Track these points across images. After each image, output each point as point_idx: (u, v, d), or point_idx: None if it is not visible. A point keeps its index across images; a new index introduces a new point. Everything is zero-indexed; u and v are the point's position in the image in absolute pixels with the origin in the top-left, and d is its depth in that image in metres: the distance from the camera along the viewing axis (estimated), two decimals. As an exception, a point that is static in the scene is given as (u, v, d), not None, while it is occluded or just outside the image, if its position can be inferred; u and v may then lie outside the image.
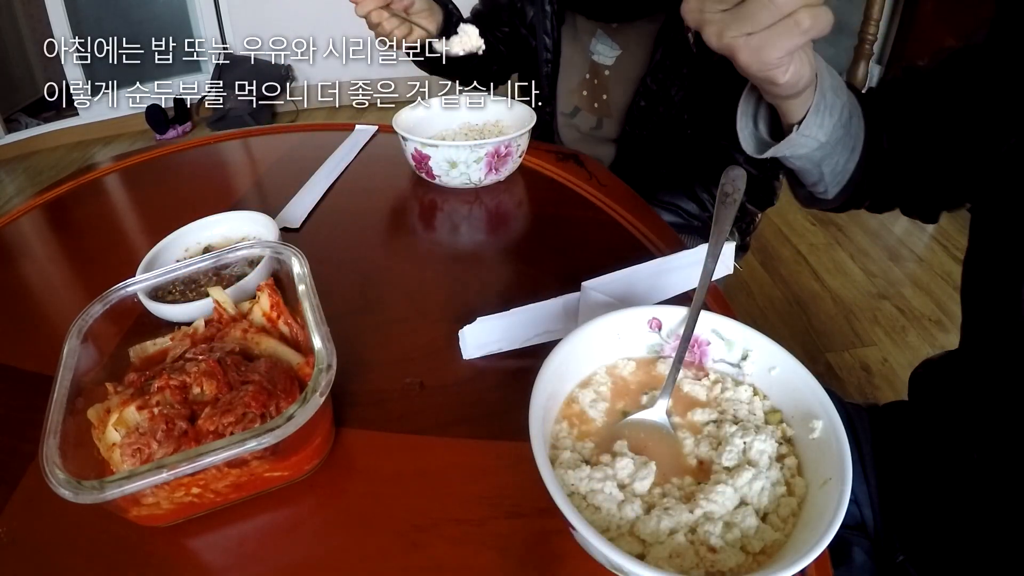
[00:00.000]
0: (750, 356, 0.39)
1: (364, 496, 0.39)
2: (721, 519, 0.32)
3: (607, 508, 0.32)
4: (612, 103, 0.89)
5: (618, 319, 0.39)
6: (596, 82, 0.90)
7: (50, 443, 0.33)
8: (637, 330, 0.40)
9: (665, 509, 0.32)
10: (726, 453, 0.34)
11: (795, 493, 0.33)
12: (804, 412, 0.36)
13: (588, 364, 0.39)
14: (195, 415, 0.37)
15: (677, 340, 0.39)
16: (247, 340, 0.43)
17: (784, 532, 0.32)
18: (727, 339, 0.39)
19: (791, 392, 0.37)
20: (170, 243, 0.57)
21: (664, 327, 0.40)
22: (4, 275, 0.63)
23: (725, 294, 0.55)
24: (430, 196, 0.72)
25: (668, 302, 0.52)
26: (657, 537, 0.31)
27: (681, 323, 0.39)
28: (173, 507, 0.35)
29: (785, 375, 0.37)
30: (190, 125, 2.77)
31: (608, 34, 0.86)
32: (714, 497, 0.32)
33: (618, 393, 0.39)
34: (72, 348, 0.40)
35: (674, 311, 0.39)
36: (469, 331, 0.48)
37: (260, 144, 0.91)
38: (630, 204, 0.68)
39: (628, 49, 0.85)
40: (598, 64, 0.88)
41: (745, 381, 0.39)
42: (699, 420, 0.37)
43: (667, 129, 0.84)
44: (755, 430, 0.35)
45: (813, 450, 0.34)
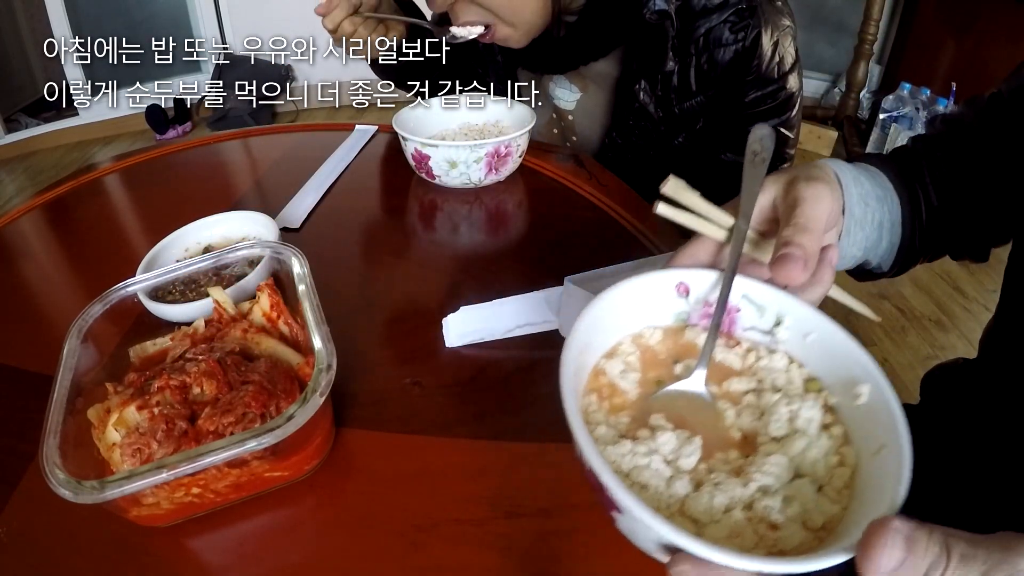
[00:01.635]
0: (784, 322, 0.36)
1: (364, 496, 0.39)
2: (779, 492, 0.29)
3: (655, 486, 0.29)
4: (583, 146, 0.88)
5: (642, 284, 0.36)
6: (563, 124, 0.88)
7: (50, 443, 0.33)
8: (663, 296, 0.37)
9: (716, 484, 0.29)
10: (773, 423, 0.32)
11: (847, 463, 0.31)
12: (846, 378, 0.33)
13: (613, 334, 0.36)
14: (195, 415, 0.37)
15: (706, 307, 0.37)
16: (247, 340, 0.43)
17: (841, 505, 0.29)
18: (759, 304, 0.37)
19: (830, 358, 0.35)
20: (170, 243, 0.57)
21: (692, 293, 0.37)
22: (4, 275, 0.63)
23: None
24: (430, 196, 0.72)
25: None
26: (712, 516, 0.28)
27: (711, 288, 0.36)
28: (173, 507, 0.35)
29: (823, 340, 0.35)
30: (190, 125, 2.77)
31: (566, 76, 0.84)
32: (768, 469, 0.29)
33: (648, 363, 0.36)
34: (72, 348, 0.40)
35: (703, 275, 0.37)
36: (452, 320, 0.48)
37: (260, 144, 0.91)
38: (630, 204, 0.68)
39: (587, 91, 0.84)
40: (560, 109, 0.87)
41: (779, 349, 0.37)
42: (737, 390, 0.35)
43: (645, 166, 0.82)
44: (799, 398, 0.33)
45: (860, 417, 0.32)
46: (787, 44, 0.72)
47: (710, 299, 0.36)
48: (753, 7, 0.70)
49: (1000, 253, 0.54)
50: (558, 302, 0.49)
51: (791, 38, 0.73)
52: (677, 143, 0.79)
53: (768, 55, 0.71)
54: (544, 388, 0.46)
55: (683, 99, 0.75)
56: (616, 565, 0.35)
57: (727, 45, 0.71)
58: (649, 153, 0.81)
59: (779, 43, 0.71)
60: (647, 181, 0.82)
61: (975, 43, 2.10)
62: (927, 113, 2.09)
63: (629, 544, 0.35)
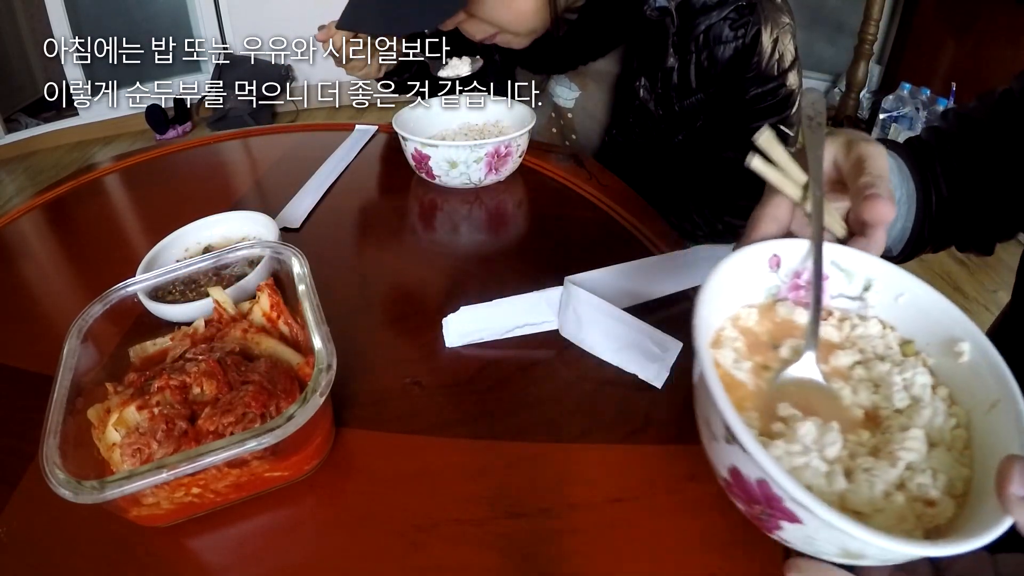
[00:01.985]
0: (873, 286, 0.35)
1: (364, 496, 0.39)
2: (926, 467, 0.28)
3: (818, 485, 0.28)
4: (582, 144, 0.88)
5: (741, 261, 0.35)
6: (562, 122, 0.88)
7: (50, 443, 0.33)
8: (756, 272, 0.36)
9: (866, 470, 0.28)
10: (895, 395, 0.31)
11: (961, 424, 0.31)
12: (943, 338, 0.33)
13: (715, 319, 0.35)
14: (195, 415, 0.37)
15: (794, 278, 0.36)
16: (247, 340, 0.43)
17: (968, 467, 0.29)
18: (846, 270, 0.36)
19: (923, 318, 0.34)
20: (170, 243, 0.57)
21: (783, 266, 0.36)
22: (4, 275, 0.63)
23: (725, 294, 0.55)
24: (430, 196, 0.72)
25: (661, 302, 0.52)
26: (874, 504, 0.27)
27: (800, 259, 0.35)
28: (173, 507, 0.35)
29: (915, 301, 0.34)
30: (190, 125, 2.77)
31: (565, 75, 0.84)
32: (910, 444, 0.28)
33: (753, 348, 0.34)
34: (72, 348, 0.40)
35: (792, 245, 0.36)
36: (452, 320, 0.48)
37: (260, 144, 0.91)
38: (630, 204, 0.68)
39: (587, 90, 0.84)
40: (560, 107, 0.87)
41: (870, 314, 0.36)
42: (844, 364, 0.34)
43: (646, 165, 0.83)
44: (907, 365, 0.33)
45: (963, 376, 0.32)
46: (787, 41, 0.72)
47: (799, 270, 0.36)
48: (753, 4, 0.70)
49: (1000, 253, 0.54)
50: (558, 302, 0.49)
51: (790, 35, 0.73)
52: (677, 141, 0.79)
53: (768, 52, 0.71)
54: (544, 388, 0.46)
55: (683, 97, 0.75)
56: (616, 565, 0.35)
57: (727, 42, 0.71)
58: (649, 151, 0.81)
59: (779, 40, 0.72)
60: (647, 180, 0.82)
61: (975, 43, 2.10)
62: (927, 113, 2.09)
63: (629, 544, 0.36)
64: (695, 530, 0.36)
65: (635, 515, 0.37)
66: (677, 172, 0.84)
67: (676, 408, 0.43)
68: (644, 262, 0.53)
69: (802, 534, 0.26)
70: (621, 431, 0.42)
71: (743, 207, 0.82)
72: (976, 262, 1.67)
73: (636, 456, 0.40)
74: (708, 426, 0.29)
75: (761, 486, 0.26)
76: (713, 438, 0.28)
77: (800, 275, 0.36)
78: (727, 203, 0.82)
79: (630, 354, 0.46)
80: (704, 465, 0.39)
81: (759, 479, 0.25)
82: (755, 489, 0.26)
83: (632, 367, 0.46)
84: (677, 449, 0.41)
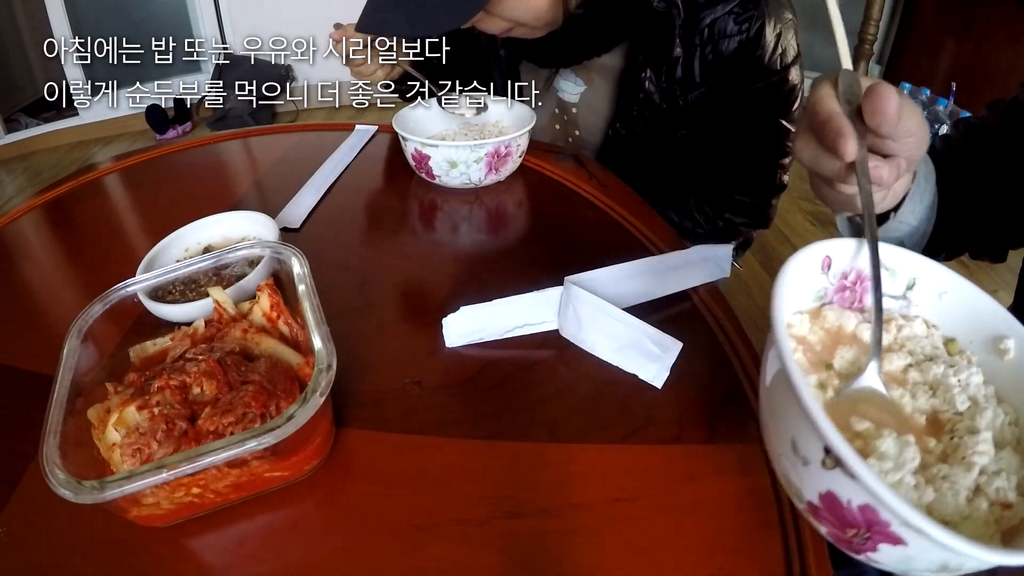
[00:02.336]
0: (917, 284, 0.35)
1: (364, 496, 0.39)
2: (1000, 469, 0.28)
3: (913, 499, 0.27)
4: (585, 139, 0.88)
5: (797, 265, 0.34)
6: (566, 118, 0.89)
7: (50, 443, 0.33)
8: (808, 274, 0.35)
9: (944, 478, 0.28)
10: (956, 397, 0.31)
11: (1012, 421, 0.31)
12: (987, 335, 0.33)
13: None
14: (195, 415, 0.37)
15: (842, 279, 0.36)
16: (247, 340, 0.43)
17: None
18: (891, 268, 0.36)
19: (967, 316, 0.34)
20: (170, 243, 0.57)
21: (833, 267, 0.36)
22: (4, 275, 0.63)
23: (725, 294, 0.55)
24: (430, 196, 0.72)
25: (661, 302, 0.52)
26: (961, 513, 0.27)
27: (849, 259, 0.35)
28: (173, 507, 0.35)
29: (959, 298, 0.34)
30: (190, 125, 2.77)
31: (571, 69, 0.84)
32: (981, 448, 0.28)
33: (812, 360, 0.34)
34: (72, 348, 0.40)
35: (842, 245, 0.35)
36: (452, 320, 0.48)
37: (260, 144, 0.91)
38: (630, 204, 0.68)
39: (592, 84, 0.84)
40: (564, 101, 0.87)
41: (912, 313, 0.36)
42: (897, 369, 0.33)
43: (648, 161, 0.83)
44: (958, 365, 0.32)
45: (1008, 372, 0.31)
46: (789, 37, 0.73)
47: (846, 271, 0.35)
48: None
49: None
50: (558, 302, 0.49)
51: (793, 31, 0.73)
52: (680, 136, 0.79)
53: (771, 46, 0.72)
54: (544, 388, 0.46)
55: (687, 90, 0.75)
56: (616, 565, 0.35)
57: (731, 36, 0.71)
58: (652, 146, 0.81)
59: (782, 35, 0.72)
60: (648, 176, 0.82)
61: (975, 43, 2.10)
62: (927, 113, 2.09)
63: (629, 544, 0.36)
64: (695, 530, 0.36)
65: (635, 515, 0.37)
66: (678, 168, 0.84)
67: (676, 408, 0.43)
68: (644, 262, 0.53)
69: (901, 555, 0.25)
70: (621, 431, 0.42)
71: (744, 203, 0.82)
72: (976, 263, 1.67)
73: (636, 456, 0.40)
74: (795, 450, 0.28)
75: (864, 511, 0.25)
76: (802, 462, 0.27)
77: (847, 276, 0.35)
78: (727, 199, 0.83)
79: (630, 354, 0.46)
80: (704, 465, 0.39)
81: (863, 504, 0.25)
82: (854, 514, 0.25)
83: (632, 367, 0.46)
84: (677, 449, 0.41)
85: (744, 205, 0.83)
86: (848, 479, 0.25)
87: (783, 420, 0.29)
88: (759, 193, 0.82)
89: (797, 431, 0.27)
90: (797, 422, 0.27)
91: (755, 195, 0.82)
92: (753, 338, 0.49)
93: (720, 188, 0.83)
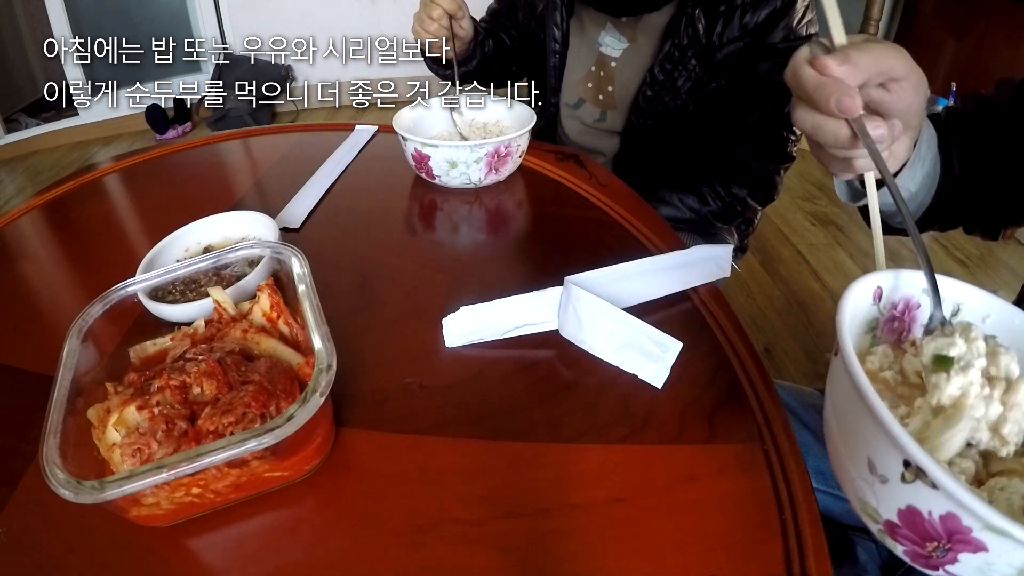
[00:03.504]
0: (961, 310, 0.36)
1: (364, 496, 0.39)
2: None
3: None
4: (618, 95, 0.90)
5: (856, 293, 0.34)
6: (602, 74, 0.91)
7: (50, 443, 0.33)
8: (862, 303, 0.36)
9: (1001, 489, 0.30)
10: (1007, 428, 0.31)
11: None
12: None
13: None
14: (195, 415, 0.37)
15: (891, 310, 0.37)
16: (247, 340, 0.43)
17: None
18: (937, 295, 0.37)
19: (1011, 338, 0.35)
20: (170, 243, 0.57)
21: (883, 297, 0.37)
22: (4, 275, 0.63)
23: (725, 294, 0.55)
24: (430, 196, 0.72)
25: (662, 302, 0.52)
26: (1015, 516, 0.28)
27: (894, 288, 0.36)
28: (173, 507, 0.35)
29: (1002, 320, 0.35)
30: (190, 125, 2.77)
31: (616, 27, 0.87)
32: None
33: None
34: (72, 348, 0.40)
35: (889, 276, 0.36)
36: (452, 320, 0.48)
37: (260, 144, 0.91)
38: (630, 204, 0.68)
39: (636, 42, 0.87)
40: (605, 56, 0.89)
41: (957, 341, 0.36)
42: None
43: (672, 120, 0.85)
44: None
45: None
46: (813, 15, 0.78)
47: (895, 301, 0.37)
48: None
49: (1000, 253, 0.54)
50: (558, 302, 0.49)
51: (815, 12, 0.78)
52: (711, 89, 0.83)
53: (800, 13, 0.77)
54: (544, 388, 0.46)
55: (726, 44, 0.79)
56: (616, 565, 0.35)
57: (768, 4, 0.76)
58: (682, 96, 0.84)
59: (809, 6, 0.77)
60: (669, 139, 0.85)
61: (975, 43, 2.10)
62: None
63: (629, 544, 0.36)
64: (695, 530, 0.36)
65: (635, 515, 0.37)
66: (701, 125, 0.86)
67: (676, 408, 0.43)
68: (644, 262, 0.53)
69: (981, 562, 0.26)
70: (621, 431, 0.42)
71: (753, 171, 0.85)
72: (976, 262, 1.67)
73: (636, 456, 0.40)
74: (872, 469, 0.28)
75: (945, 520, 0.26)
76: (880, 480, 0.28)
77: (896, 307, 0.37)
78: (736, 168, 0.86)
79: (630, 354, 0.46)
80: (704, 465, 0.39)
81: (944, 514, 0.25)
82: (935, 525, 0.26)
83: (632, 367, 0.46)
84: (677, 449, 0.41)
85: (753, 173, 0.86)
86: (929, 489, 0.25)
87: (857, 441, 0.29)
88: (770, 159, 0.85)
89: (873, 450, 0.28)
90: (874, 441, 0.27)
91: (765, 162, 0.85)
92: (753, 338, 0.49)
93: (733, 152, 0.85)
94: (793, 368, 1.38)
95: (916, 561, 0.29)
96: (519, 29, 0.98)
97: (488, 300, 0.49)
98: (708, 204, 0.87)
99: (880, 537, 0.30)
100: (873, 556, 0.51)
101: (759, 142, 0.84)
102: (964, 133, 0.51)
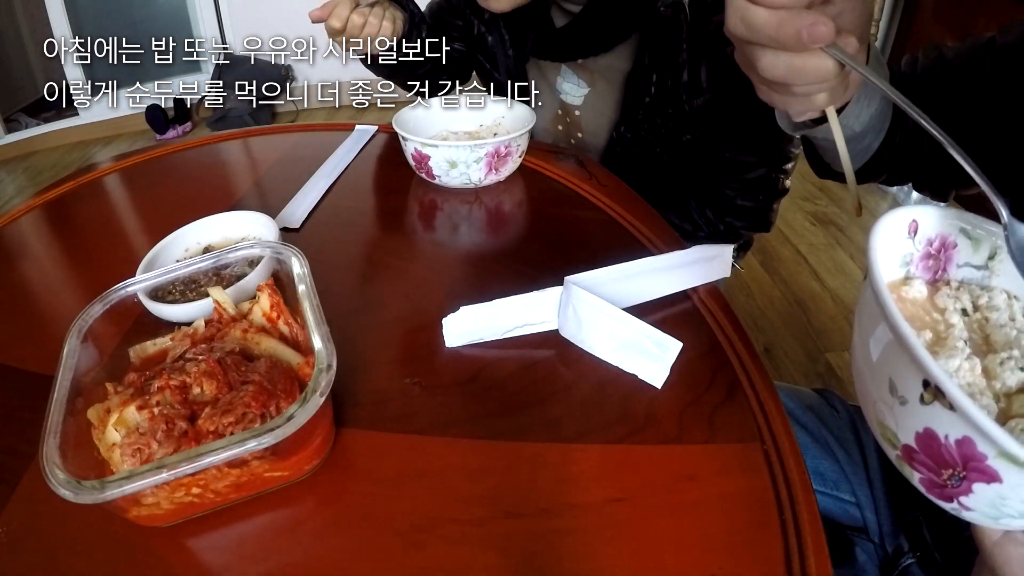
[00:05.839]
0: (999, 254, 0.36)
1: (364, 496, 0.39)
2: None
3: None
4: (589, 142, 0.87)
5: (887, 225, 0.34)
6: (569, 120, 0.88)
7: (50, 443, 0.33)
8: (896, 237, 0.35)
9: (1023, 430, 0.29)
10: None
11: None
12: None
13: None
14: (195, 415, 0.37)
15: (927, 246, 0.36)
16: (247, 340, 0.43)
17: None
18: (974, 238, 0.36)
19: None
20: (170, 243, 0.57)
21: (919, 232, 0.36)
22: (4, 275, 0.63)
23: (725, 294, 0.55)
24: (430, 196, 0.72)
25: (662, 302, 0.52)
26: None
27: (935, 225, 0.36)
28: (173, 507, 0.35)
29: None
30: (190, 125, 2.77)
31: (573, 70, 0.84)
32: None
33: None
34: (72, 348, 0.40)
35: (930, 212, 0.35)
36: (452, 320, 0.48)
37: (260, 144, 0.91)
38: (630, 204, 0.68)
39: (596, 87, 0.83)
40: (567, 104, 0.86)
41: (993, 284, 0.36)
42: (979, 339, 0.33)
43: (651, 165, 0.82)
44: None
45: None
46: None
47: (931, 237, 0.36)
48: None
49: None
50: (558, 302, 0.49)
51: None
52: (685, 140, 0.79)
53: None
54: (544, 388, 0.46)
55: (693, 96, 0.75)
56: (616, 565, 0.35)
57: None
58: (656, 150, 0.81)
59: None
60: (651, 178, 0.82)
61: (975, 43, 2.10)
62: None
63: (629, 544, 0.36)
64: (695, 530, 0.36)
65: (635, 515, 0.37)
66: (681, 171, 0.84)
67: (676, 408, 0.43)
68: (644, 262, 0.53)
69: (994, 494, 0.26)
70: (621, 431, 0.42)
71: (745, 208, 0.82)
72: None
73: (636, 456, 0.40)
74: (892, 391, 0.28)
75: (961, 445, 0.25)
76: (900, 402, 0.28)
77: (932, 243, 0.36)
78: (729, 204, 0.83)
79: (630, 354, 0.46)
80: (704, 465, 0.39)
81: (960, 438, 0.25)
82: (951, 451, 0.26)
83: (632, 367, 0.46)
84: (677, 449, 0.41)
85: (746, 210, 0.83)
86: (946, 411, 0.25)
87: (881, 363, 0.29)
88: (761, 198, 0.82)
89: (895, 371, 0.28)
90: (896, 361, 0.27)
91: (757, 200, 0.82)
92: (753, 338, 0.49)
93: (722, 193, 0.82)
94: (793, 368, 1.39)
95: (931, 491, 0.28)
96: (459, 54, 0.92)
97: (488, 300, 0.49)
98: (701, 229, 0.85)
99: (898, 464, 0.30)
100: (872, 557, 0.51)
101: (749, 183, 0.80)
102: (920, 87, 0.49)
